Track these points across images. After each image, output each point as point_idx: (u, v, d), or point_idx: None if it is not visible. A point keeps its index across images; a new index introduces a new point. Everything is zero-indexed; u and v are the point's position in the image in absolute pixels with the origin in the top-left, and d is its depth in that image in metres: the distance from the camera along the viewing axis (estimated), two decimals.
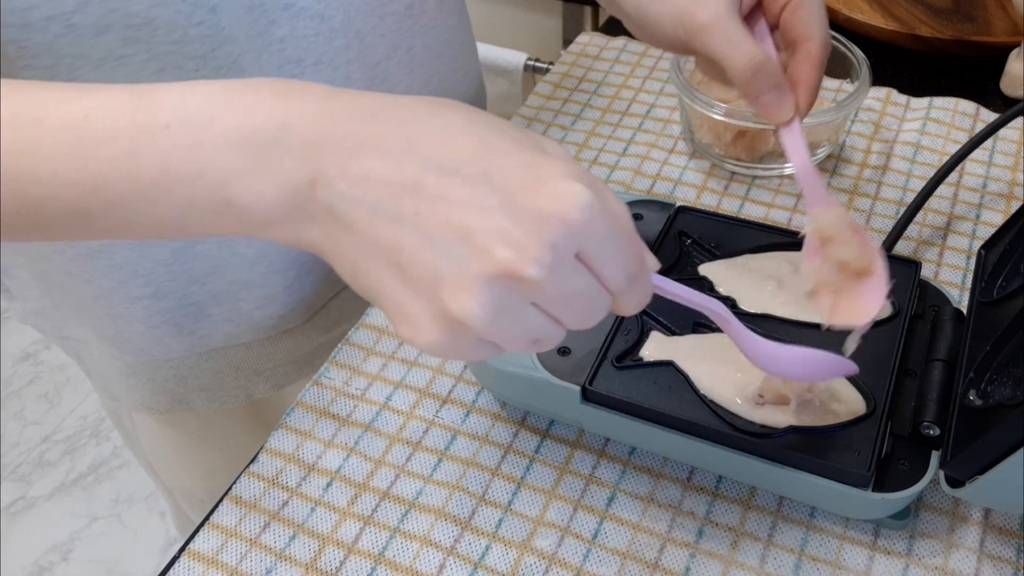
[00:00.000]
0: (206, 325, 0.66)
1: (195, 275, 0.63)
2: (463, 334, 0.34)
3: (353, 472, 0.56)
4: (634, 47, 0.89)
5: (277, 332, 0.70)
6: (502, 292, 0.33)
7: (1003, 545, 0.51)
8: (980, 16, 0.87)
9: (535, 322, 0.35)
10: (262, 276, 0.65)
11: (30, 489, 1.70)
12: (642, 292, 0.39)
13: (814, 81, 0.54)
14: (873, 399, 0.51)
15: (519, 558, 0.51)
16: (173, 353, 0.68)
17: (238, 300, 0.66)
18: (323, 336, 0.73)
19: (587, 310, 0.36)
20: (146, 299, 0.63)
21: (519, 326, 0.35)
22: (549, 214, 0.33)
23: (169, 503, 0.91)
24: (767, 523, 0.52)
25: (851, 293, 0.51)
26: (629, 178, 0.75)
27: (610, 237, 0.35)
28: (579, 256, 0.35)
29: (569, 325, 0.37)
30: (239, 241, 0.63)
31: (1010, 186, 0.73)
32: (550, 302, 0.35)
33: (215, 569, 0.52)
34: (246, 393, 0.73)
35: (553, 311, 0.35)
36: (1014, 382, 0.45)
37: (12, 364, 1.91)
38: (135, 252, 0.61)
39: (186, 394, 0.71)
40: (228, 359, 0.70)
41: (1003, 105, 0.81)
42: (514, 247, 0.33)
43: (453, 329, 0.34)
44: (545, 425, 0.58)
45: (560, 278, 0.34)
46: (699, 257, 0.60)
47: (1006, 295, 0.52)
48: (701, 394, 0.51)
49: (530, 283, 0.33)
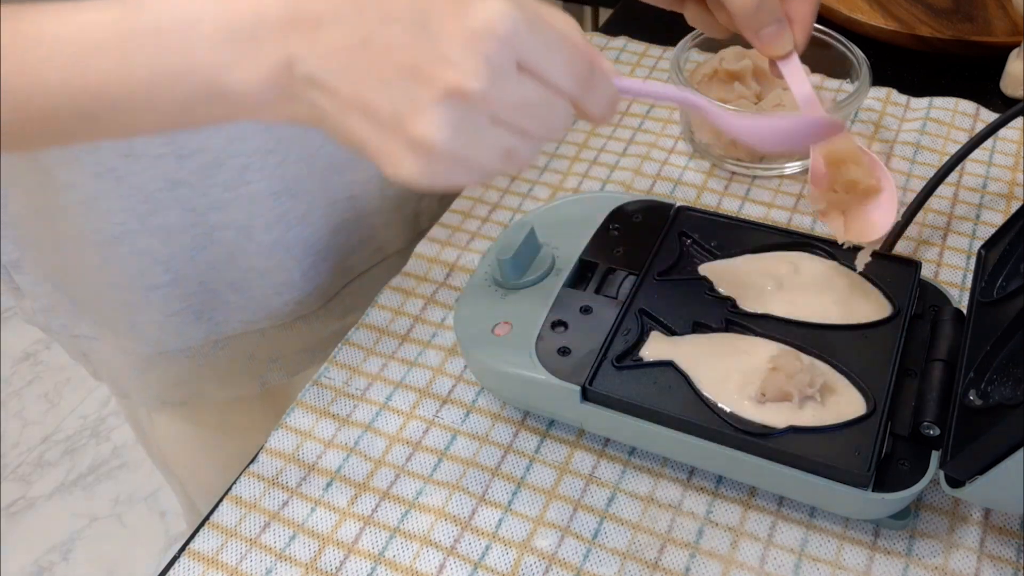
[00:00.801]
0: (223, 311, 0.68)
1: (213, 261, 0.64)
2: (436, 157, 0.38)
3: (353, 472, 0.56)
4: (634, 47, 0.89)
5: (292, 318, 0.71)
6: (455, 110, 0.37)
7: (1003, 545, 0.51)
8: (980, 16, 0.87)
9: (499, 136, 0.39)
10: (279, 262, 0.66)
11: (30, 489, 1.70)
12: (603, 96, 0.42)
13: (808, 18, 0.57)
14: (873, 399, 0.51)
15: (519, 558, 0.51)
16: (189, 342, 0.69)
17: (255, 286, 0.67)
18: (337, 323, 0.73)
19: (547, 117, 0.40)
20: (164, 287, 0.64)
21: (484, 141, 0.39)
22: (476, 31, 0.37)
23: (181, 499, 0.91)
24: (767, 523, 0.52)
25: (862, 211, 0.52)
26: (629, 178, 0.75)
27: (546, 45, 0.39)
28: (521, 66, 0.38)
29: (536, 134, 0.40)
30: (257, 228, 0.64)
31: (1010, 186, 0.73)
32: (506, 113, 0.39)
33: (215, 569, 0.52)
34: (260, 381, 0.74)
35: (514, 122, 0.39)
36: (1014, 382, 0.45)
37: (12, 364, 1.91)
38: (156, 239, 0.62)
39: (200, 384, 0.72)
40: (243, 346, 0.71)
41: (1003, 105, 0.81)
42: (453, 67, 0.37)
43: (425, 154, 0.38)
44: (545, 425, 0.58)
45: (504, 88, 0.38)
46: (699, 257, 0.60)
47: (1006, 295, 0.52)
48: (701, 394, 0.51)
49: (476, 96, 0.37)
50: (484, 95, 0.37)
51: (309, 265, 0.68)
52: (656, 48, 0.88)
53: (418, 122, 0.37)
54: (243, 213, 0.63)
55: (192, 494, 0.87)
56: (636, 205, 0.63)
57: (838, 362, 0.53)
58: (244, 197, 0.62)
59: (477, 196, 0.74)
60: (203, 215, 0.62)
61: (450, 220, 0.72)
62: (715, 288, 0.57)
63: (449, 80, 0.37)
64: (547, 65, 0.39)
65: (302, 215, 0.66)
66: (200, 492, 0.86)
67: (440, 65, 0.37)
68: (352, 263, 0.73)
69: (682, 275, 0.59)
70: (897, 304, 0.56)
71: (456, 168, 0.39)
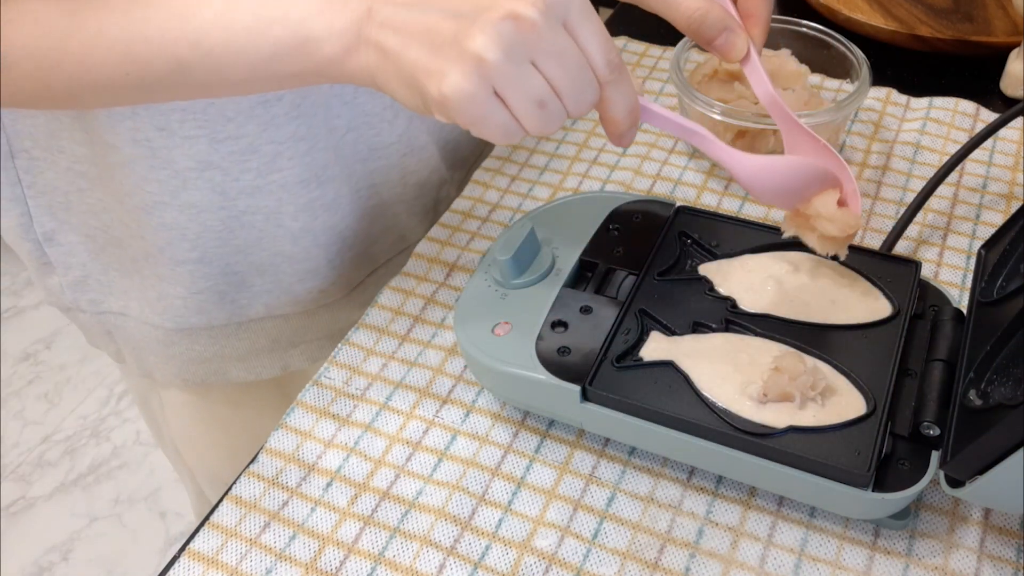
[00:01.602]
0: (247, 295, 0.69)
1: (240, 244, 0.65)
2: (482, 75, 0.42)
3: (353, 472, 0.56)
4: (634, 47, 0.89)
5: (316, 306, 0.72)
6: (510, 33, 0.42)
7: (1003, 545, 0.51)
8: (980, 16, 0.87)
9: (537, 82, 0.43)
10: (305, 250, 0.67)
11: (30, 489, 1.70)
12: (626, 97, 0.46)
13: (765, 14, 0.58)
14: (873, 399, 0.51)
15: (519, 558, 0.51)
16: (213, 321, 0.70)
17: (280, 272, 0.68)
18: (359, 312, 0.74)
19: (578, 81, 0.44)
20: (192, 263, 0.65)
21: (524, 80, 0.43)
22: None
23: (191, 488, 0.92)
24: (767, 523, 0.52)
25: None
26: (629, 178, 0.75)
27: (589, 18, 0.44)
28: (567, 25, 0.43)
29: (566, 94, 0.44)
30: (285, 214, 0.65)
31: (1010, 186, 0.73)
32: (545, 59, 0.43)
33: (215, 569, 0.52)
34: (281, 364, 0.75)
35: (550, 71, 0.43)
36: (1014, 382, 0.45)
37: (12, 364, 1.91)
38: (184, 215, 0.63)
39: (223, 364, 0.73)
40: (265, 330, 0.72)
41: (1003, 105, 0.81)
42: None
43: (474, 68, 0.42)
44: (545, 425, 0.58)
45: (551, 31, 0.43)
46: (699, 257, 0.60)
47: (1006, 295, 0.52)
48: (701, 394, 0.51)
49: (529, 24, 0.42)
50: (534, 26, 0.42)
51: (335, 253, 0.69)
52: (656, 48, 0.88)
53: (475, 35, 0.41)
54: (273, 199, 0.64)
55: (201, 482, 0.88)
56: (636, 205, 0.63)
57: (838, 362, 0.53)
58: (275, 184, 0.63)
59: (477, 196, 0.74)
60: (233, 199, 0.63)
61: (450, 220, 0.72)
62: (715, 288, 0.57)
63: (511, 5, 0.42)
64: (586, 34, 0.44)
65: (329, 203, 0.67)
66: (208, 480, 0.87)
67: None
68: (375, 252, 0.74)
69: (682, 275, 0.59)
70: (897, 304, 0.56)
71: (493, 104, 0.43)
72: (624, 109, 0.47)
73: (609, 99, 0.46)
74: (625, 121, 0.47)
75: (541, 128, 0.45)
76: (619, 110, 0.47)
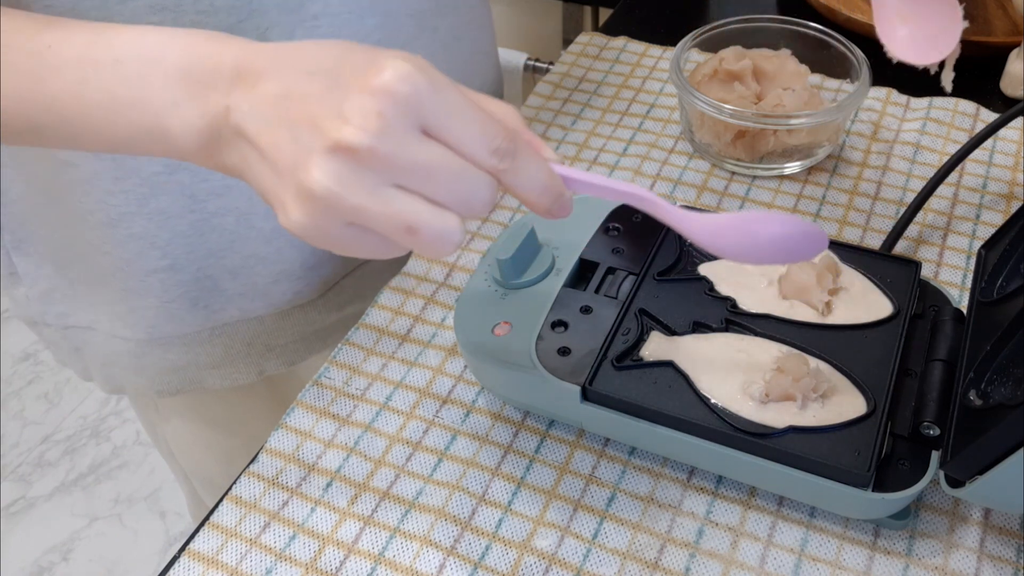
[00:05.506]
0: (220, 299, 0.68)
1: (212, 248, 0.64)
2: (323, 211, 0.37)
3: (353, 472, 0.56)
4: (634, 47, 0.89)
5: (290, 306, 0.71)
6: (341, 163, 0.37)
7: (1003, 545, 0.51)
8: (980, 16, 0.87)
9: (402, 203, 0.38)
10: (278, 251, 0.66)
11: (30, 489, 1.70)
12: (532, 177, 0.40)
13: None
14: (873, 399, 0.51)
15: (519, 558, 0.51)
16: (185, 328, 0.68)
17: (254, 274, 0.67)
18: (335, 314, 0.73)
19: (458, 187, 0.38)
20: (162, 272, 0.64)
21: (379, 204, 0.37)
22: (375, 88, 0.37)
23: (186, 491, 0.92)
24: (767, 523, 0.52)
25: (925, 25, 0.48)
26: (629, 178, 0.75)
27: (453, 110, 0.38)
28: (426, 130, 0.38)
29: (449, 204, 0.38)
30: (257, 215, 0.64)
31: (1010, 186, 0.73)
32: (406, 177, 0.37)
33: (215, 569, 0.52)
34: (258, 369, 0.74)
35: (417, 188, 0.38)
36: (1014, 382, 0.45)
37: (12, 364, 1.91)
38: (153, 223, 0.62)
39: (197, 372, 0.72)
40: (240, 334, 0.71)
41: (1003, 105, 0.81)
42: (344, 121, 0.37)
43: (312, 206, 0.37)
44: (545, 425, 0.58)
45: (400, 148, 0.37)
46: (699, 257, 0.60)
47: (1006, 295, 0.52)
48: (701, 394, 0.51)
49: (362, 151, 0.36)
50: (371, 152, 0.36)
51: (309, 253, 0.68)
52: (656, 48, 0.88)
53: (307, 171, 0.37)
54: (243, 200, 0.63)
55: (197, 487, 0.88)
56: None
57: (838, 362, 0.53)
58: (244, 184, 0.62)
59: None
60: (202, 202, 0.62)
61: None
62: (715, 288, 0.57)
63: (336, 132, 0.37)
64: (454, 131, 0.38)
65: None
66: (204, 485, 0.86)
67: (335, 118, 0.37)
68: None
69: (682, 275, 0.59)
70: (897, 304, 0.56)
71: (347, 232, 0.38)
72: (535, 190, 0.41)
73: (512, 186, 0.40)
74: (542, 201, 0.41)
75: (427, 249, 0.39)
76: (529, 193, 0.41)
